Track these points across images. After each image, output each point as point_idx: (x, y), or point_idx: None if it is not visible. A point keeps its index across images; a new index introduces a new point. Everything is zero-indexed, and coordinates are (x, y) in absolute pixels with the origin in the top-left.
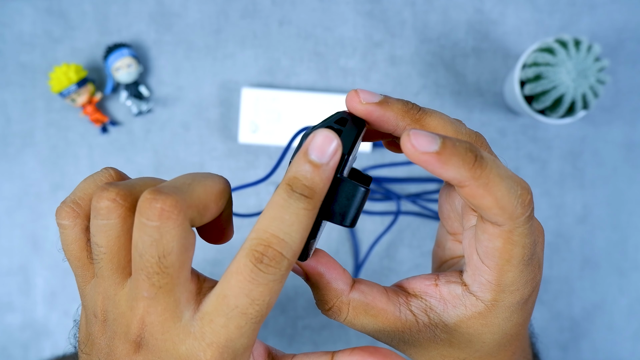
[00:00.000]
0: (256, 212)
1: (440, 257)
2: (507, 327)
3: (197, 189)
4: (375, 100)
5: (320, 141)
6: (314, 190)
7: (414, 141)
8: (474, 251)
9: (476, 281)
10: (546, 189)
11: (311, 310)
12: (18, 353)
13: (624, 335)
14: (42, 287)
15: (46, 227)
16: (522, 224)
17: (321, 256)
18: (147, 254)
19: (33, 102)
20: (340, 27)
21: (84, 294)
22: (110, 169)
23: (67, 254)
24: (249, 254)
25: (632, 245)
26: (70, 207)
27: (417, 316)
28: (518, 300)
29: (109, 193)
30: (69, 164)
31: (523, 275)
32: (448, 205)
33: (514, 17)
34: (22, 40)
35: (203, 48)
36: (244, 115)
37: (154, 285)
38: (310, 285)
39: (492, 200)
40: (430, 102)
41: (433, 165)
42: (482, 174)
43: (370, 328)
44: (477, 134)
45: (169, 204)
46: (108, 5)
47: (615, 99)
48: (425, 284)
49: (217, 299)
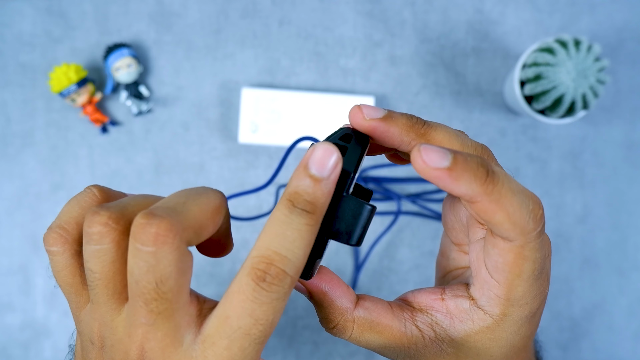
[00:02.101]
0: (255, 216)
1: (444, 267)
2: (515, 340)
3: (192, 208)
4: (379, 115)
5: (320, 155)
6: (315, 205)
7: (424, 157)
8: (482, 265)
9: (484, 295)
10: (546, 189)
11: (311, 310)
12: (18, 353)
13: (624, 335)
14: (42, 287)
15: (46, 227)
16: (534, 239)
17: (324, 273)
18: (144, 281)
19: (33, 102)
20: (340, 27)
21: (79, 320)
22: (94, 188)
23: (59, 281)
24: (251, 273)
25: (632, 245)
26: (58, 232)
27: (423, 331)
28: (527, 314)
29: (101, 217)
30: (69, 164)
31: (533, 290)
32: (452, 217)
33: (514, 17)
34: (22, 40)
35: (203, 48)
36: (244, 115)
37: (153, 312)
38: (313, 304)
39: (504, 216)
40: (430, 102)
41: (444, 182)
42: (494, 189)
43: (375, 344)
44: (482, 146)
45: (163, 227)
46: (108, 5)
47: (615, 99)
48: (431, 298)
49: (218, 321)
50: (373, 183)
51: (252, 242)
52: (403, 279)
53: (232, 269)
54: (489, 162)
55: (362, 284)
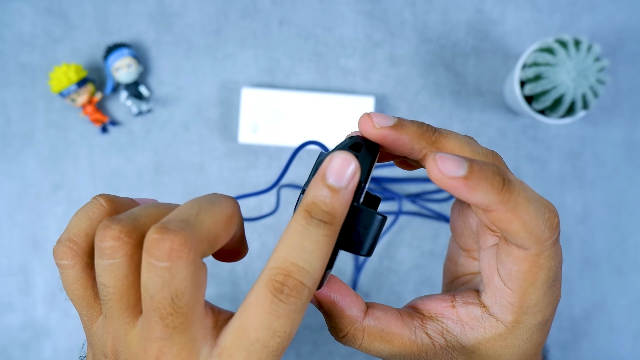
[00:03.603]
0: (256, 217)
1: (452, 273)
2: (527, 347)
3: (206, 219)
4: (389, 123)
5: (338, 164)
6: (333, 215)
7: (440, 165)
8: (494, 272)
9: (497, 303)
10: (546, 189)
11: (311, 310)
12: (18, 353)
13: (624, 335)
14: (42, 287)
15: (46, 227)
16: (549, 247)
17: (333, 283)
18: (159, 296)
19: (33, 102)
20: (340, 27)
21: (91, 333)
22: (101, 198)
23: (70, 294)
24: (269, 285)
25: (632, 245)
26: (68, 246)
27: (434, 339)
28: (539, 322)
29: (113, 231)
30: (69, 164)
31: (546, 297)
32: (461, 223)
33: (514, 17)
34: (22, 40)
35: (203, 48)
36: (244, 115)
37: (168, 327)
38: (323, 313)
39: (520, 225)
40: (430, 102)
41: (461, 191)
42: (510, 198)
43: (385, 353)
44: (493, 153)
45: (177, 242)
46: (108, 5)
47: (615, 99)
48: (442, 306)
49: (235, 333)
50: (373, 183)
51: (252, 242)
52: (403, 279)
53: (232, 269)
54: (505, 170)
55: (362, 284)
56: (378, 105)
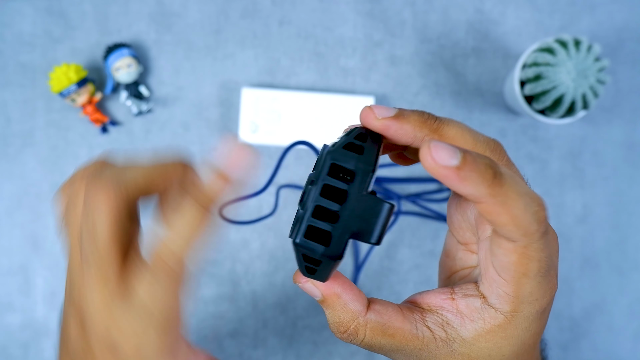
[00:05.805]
0: (256, 219)
1: (449, 268)
2: (526, 337)
3: (138, 173)
4: (391, 114)
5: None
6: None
7: (434, 154)
8: (490, 263)
9: (494, 293)
10: (546, 189)
11: (311, 310)
12: (18, 353)
13: (624, 335)
14: (42, 287)
15: (46, 227)
16: (537, 240)
17: (337, 276)
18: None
19: (33, 102)
20: (340, 27)
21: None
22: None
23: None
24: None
25: (632, 245)
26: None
27: (434, 332)
28: (537, 310)
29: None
30: (69, 164)
31: (541, 286)
32: (459, 216)
33: (514, 17)
34: (22, 40)
35: (203, 48)
36: (244, 115)
37: (85, 255)
38: (325, 307)
39: (508, 218)
40: (430, 102)
41: (452, 180)
42: (499, 191)
43: (387, 348)
44: (494, 142)
45: (100, 187)
46: (108, 5)
47: (615, 99)
48: (441, 298)
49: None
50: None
51: (252, 243)
52: (403, 279)
53: (232, 269)
54: (498, 163)
55: (362, 284)
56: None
